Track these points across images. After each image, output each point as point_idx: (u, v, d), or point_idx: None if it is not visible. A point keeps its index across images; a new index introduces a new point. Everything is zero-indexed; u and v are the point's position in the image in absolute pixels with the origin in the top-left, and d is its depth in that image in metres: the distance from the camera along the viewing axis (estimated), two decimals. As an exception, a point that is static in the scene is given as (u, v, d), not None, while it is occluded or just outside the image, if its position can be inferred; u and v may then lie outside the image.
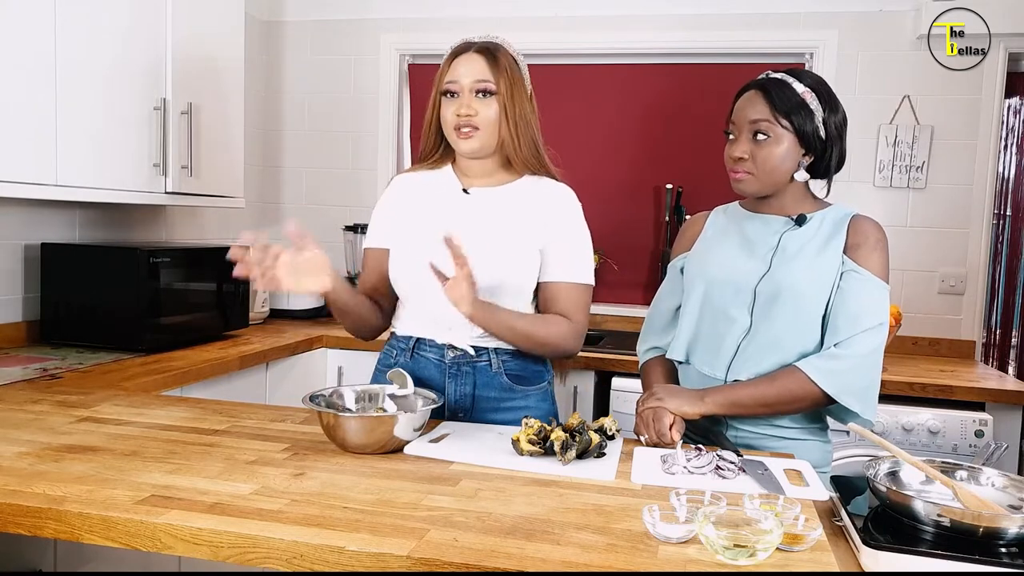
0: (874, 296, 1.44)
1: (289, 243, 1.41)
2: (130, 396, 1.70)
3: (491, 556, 0.93)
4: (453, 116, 1.55)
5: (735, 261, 1.54)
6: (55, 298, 2.33)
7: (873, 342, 1.43)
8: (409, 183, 1.69)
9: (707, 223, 1.66)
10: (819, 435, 1.54)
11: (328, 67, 3.44)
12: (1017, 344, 3.52)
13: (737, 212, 1.62)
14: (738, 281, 1.51)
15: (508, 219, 1.59)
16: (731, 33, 3.05)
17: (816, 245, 1.48)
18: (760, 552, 0.93)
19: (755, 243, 1.54)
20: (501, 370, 1.60)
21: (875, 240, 1.47)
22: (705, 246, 1.62)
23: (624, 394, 2.56)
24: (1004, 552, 1.04)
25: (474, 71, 1.54)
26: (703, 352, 1.56)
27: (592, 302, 1.66)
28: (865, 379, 1.43)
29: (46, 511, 1.03)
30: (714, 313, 1.53)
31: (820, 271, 1.46)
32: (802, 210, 1.53)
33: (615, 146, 3.24)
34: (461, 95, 1.54)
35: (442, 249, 1.46)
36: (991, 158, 2.88)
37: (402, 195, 1.68)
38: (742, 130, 1.49)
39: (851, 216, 1.51)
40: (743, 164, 1.49)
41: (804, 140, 1.47)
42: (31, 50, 1.96)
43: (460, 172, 1.65)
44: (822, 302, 1.46)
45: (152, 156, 2.37)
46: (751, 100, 1.49)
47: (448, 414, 1.60)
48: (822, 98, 1.48)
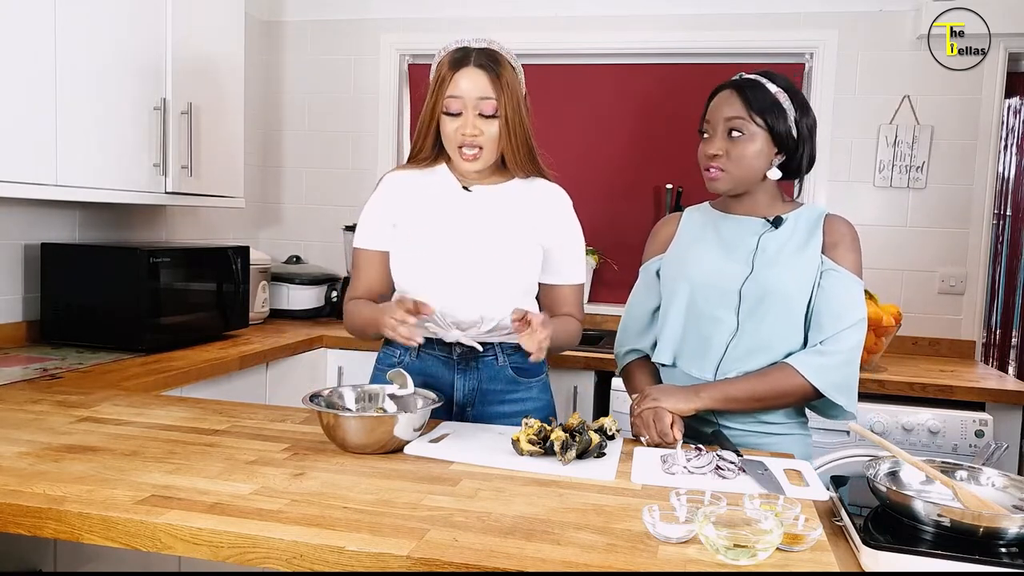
0: (853, 293, 1.50)
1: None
2: (130, 396, 1.70)
3: (491, 556, 0.93)
4: (457, 135, 1.55)
5: (716, 263, 1.55)
6: (55, 298, 2.33)
7: (856, 338, 1.48)
8: (403, 182, 1.67)
9: (680, 224, 1.67)
10: (801, 429, 1.58)
11: (328, 67, 3.44)
12: (1017, 344, 3.52)
13: (711, 213, 1.63)
14: (722, 283, 1.53)
15: (511, 216, 1.63)
16: (731, 33, 3.05)
17: (795, 246, 1.52)
18: (760, 552, 0.93)
19: (734, 245, 1.56)
20: (507, 364, 1.64)
21: (851, 239, 1.53)
22: (682, 248, 1.63)
23: (624, 394, 2.55)
24: (1004, 552, 1.04)
25: (477, 88, 1.53)
26: (690, 355, 1.57)
27: (592, 302, 1.70)
28: (849, 374, 1.48)
29: (46, 511, 1.03)
30: (700, 316, 1.55)
31: (802, 271, 1.50)
32: (775, 209, 1.56)
33: (615, 146, 3.24)
34: (465, 113, 1.54)
35: (446, 247, 1.53)
36: (991, 158, 2.88)
37: (398, 195, 1.66)
38: (717, 128, 1.52)
39: (824, 216, 1.55)
40: (718, 160, 1.51)
41: (777, 139, 1.51)
42: (31, 50, 1.96)
43: (456, 171, 1.64)
44: (805, 301, 1.50)
45: (152, 156, 2.37)
46: (726, 99, 1.52)
47: (456, 409, 1.63)
48: (794, 99, 1.53)
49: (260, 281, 3.01)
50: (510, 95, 1.54)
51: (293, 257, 3.40)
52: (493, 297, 1.59)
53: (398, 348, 1.66)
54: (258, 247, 3.37)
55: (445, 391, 1.61)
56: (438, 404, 1.41)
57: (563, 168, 1.73)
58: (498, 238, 1.61)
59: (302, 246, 3.47)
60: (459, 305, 1.58)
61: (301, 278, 3.20)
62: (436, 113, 1.57)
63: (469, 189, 1.63)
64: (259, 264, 3.00)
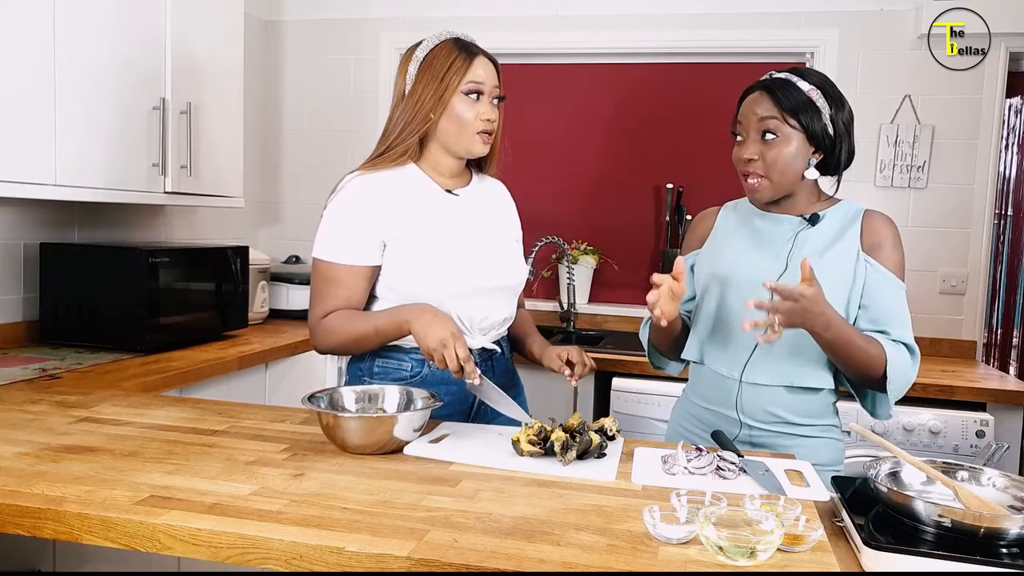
0: (904, 299, 1.48)
1: None
2: (129, 396, 1.69)
3: (491, 557, 0.92)
4: (479, 120, 1.55)
5: (750, 261, 1.53)
6: (54, 298, 2.33)
7: (918, 351, 1.47)
8: (378, 187, 1.57)
9: (717, 220, 1.65)
10: (832, 432, 1.56)
11: (328, 67, 3.44)
12: (1018, 344, 3.52)
13: (748, 210, 1.61)
14: (755, 281, 1.49)
15: (495, 219, 1.68)
16: (732, 32, 3.05)
17: (829, 243, 1.49)
18: (761, 553, 0.93)
19: (769, 243, 1.54)
20: (511, 354, 1.74)
21: (894, 237, 1.50)
22: (717, 245, 1.61)
23: (624, 394, 2.56)
24: (1005, 552, 1.04)
25: (492, 76, 1.57)
26: (718, 352, 1.56)
27: (592, 302, 1.72)
28: (909, 378, 1.45)
29: (45, 511, 1.03)
30: (731, 314, 1.53)
31: (838, 269, 1.47)
32: (813, 207, 1.54)
33: (615, 146, 3.23)
34: (484, 98, 1.56)
35: (450, 255, 1.56)
36: (992, 158, 2.87)
37: (380, 203, 1.56)
38: (750, 131, 1.49)
39: (863, 212, 1.52)
40: (753, 165, 1.49)
41: (813, 138, 1.47)
42: (30, 50, 1.96)
43: (429, 171, 1.61)
44: (841, 300, 1.46)
45: (151, 156, 2.36)
46: (757, 100, 1.49)
47: (474, 412, 1.65)
48: (828, 95, 1.48)
49: (259, 281, 3.01)
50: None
51: (292, 257, 3.39)
52: (499, 300, 1.63)
53: (405, 359, 1.60)
54: (257, 247, 3.37)
55: (466, 396, 1.61)
56: (438, 404, 1.40)
57: (563, 168, 1.74)
58: (493, 239, 1.65)
59: (301, 246, 3.47)
60: (475, 311, 1.59)
61: (300, 278, 3.20)
62: (445, 100, 1.54)
63: (455, 193, 1.63)
64: (258, 264, 3.00)
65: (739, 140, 1.52)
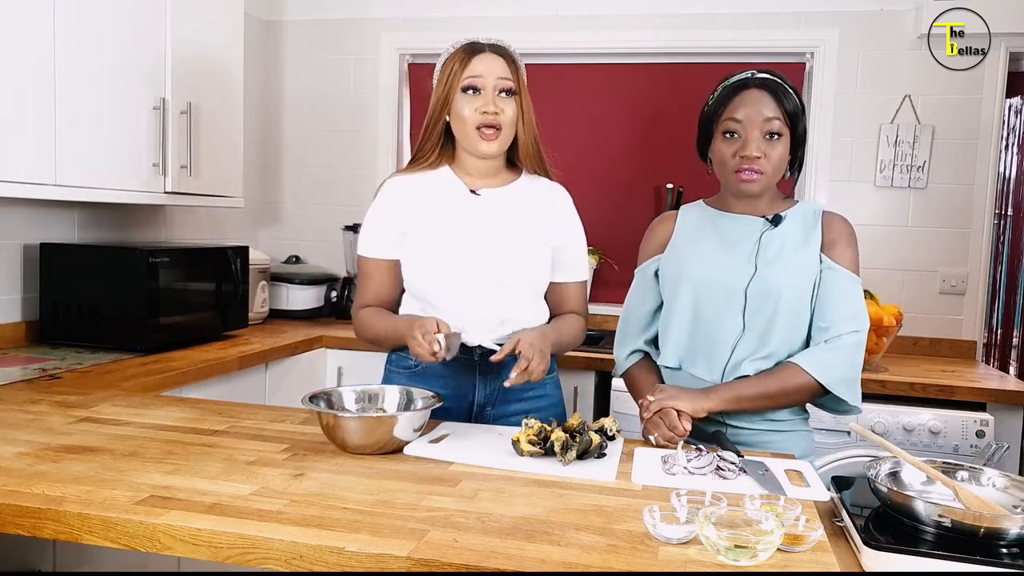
0: (853, 291, 1.51)
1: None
2: (129, 396, 1.69)
3: (491, 557, 0.92)
4: (476, 114, 1.55)
5: (719, 263, 1.54)
6: (54, 298, 2.33)
7: (859, 335, 1.50)
8: (407, 187, 1.65)
9: (677, 223, 1.65)
10: (803, 425, 1.59)
11: (328, 67, 3.44)
12: (1018, 344, 3.52)
13: (708, 211, 1.62)
14: (727, 284, 1.52)
15: (519, 219, 1.64)
16: (732, 32, 3.04)
17: (795, 244, 1.52)
18: (761, 553, 0.93)
19: (734, 244, 1.55)
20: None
21: (848, 236, 1.54)
22: (681, 248, 1.61)
23: (625, 394, 2.55)
24: (1005, 552, 1.04)
25: (496, 69, 1.56)
26: (697, 357, 1.56)
27: (592, 302, 1.71)
28: (853, 370, 1.49)
29: (45, 511, 1.03)
30: (705, 318, 1.54)
31: (803, 270, 1.51)
32: (774, 207, 1.57)
33: (615, 146, 3.23)
34: (484, 92, 1.55)
35: (460, 253, 1.56)
36: (992, 158, 2.87)
37: (404, 201, 1.64)
38: (753, 129, 1.49)
39: (820, 212, 1.56)
40: (758, 163, 1.49)
41: (795, 141, 1.53)
42: (31, 50, 1.96)
43: (461, 173, 1.64)
44: (808, 300, 1.51)
45: (151, 156, 2.36)
46: (762, 100, 1.49)
47: (476, 409, 1.65)
48: (801, 100, 1.55)
49: (259, 281, 3.01)
50: (520, 79, 1.59)
51: (292, 257, 3.39)
52: (510, 300, 1.61)
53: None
54: (257, 247, 3.37)
55: (466, 393, 1.63)
56: (438, 404, 1.41)
57: (563, 168, 1.73)
58: (510, 241, 1.61)
59: (301, 246, 3.47)
60: (478, 310, 1.59)
61: (300, 278, 3.20)
62: (447, 104, 1.57)
63: (477, 193, 1.62)
64: (258, 264, 3.00)
65: (736, 138, 1.51)
